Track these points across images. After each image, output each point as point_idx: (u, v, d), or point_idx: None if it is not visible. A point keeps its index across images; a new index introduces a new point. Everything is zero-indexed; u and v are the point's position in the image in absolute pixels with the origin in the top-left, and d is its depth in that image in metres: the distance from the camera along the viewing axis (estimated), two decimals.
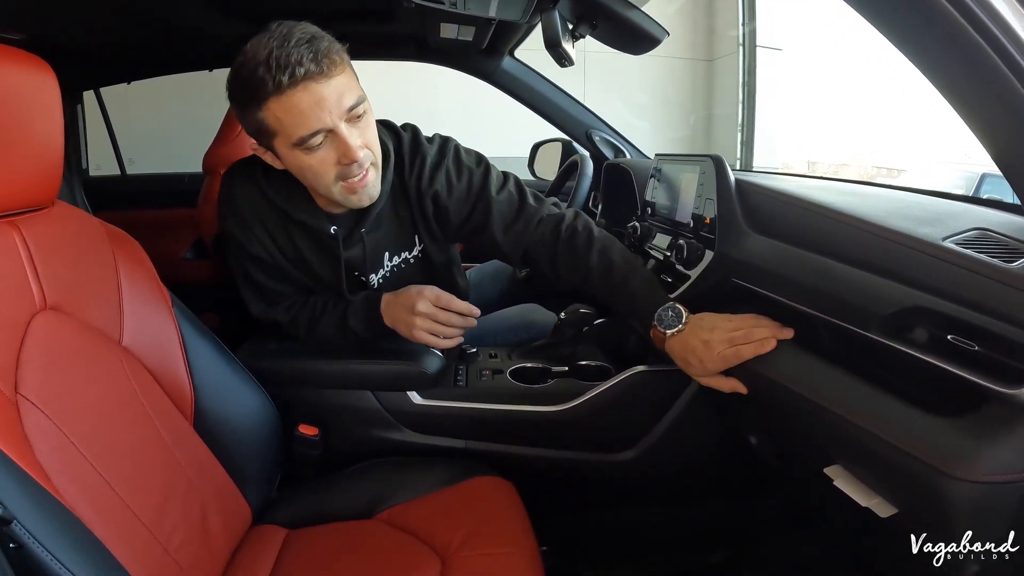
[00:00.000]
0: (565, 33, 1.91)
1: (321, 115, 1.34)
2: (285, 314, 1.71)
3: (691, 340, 1.35)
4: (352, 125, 1.40)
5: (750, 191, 1.41)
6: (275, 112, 1.35)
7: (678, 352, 1.38)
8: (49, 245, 1.18)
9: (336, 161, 1.42)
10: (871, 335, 1.01)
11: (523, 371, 1.79)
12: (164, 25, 2.38)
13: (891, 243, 1.01)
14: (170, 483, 1.23)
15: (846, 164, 10.45)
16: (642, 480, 1.77)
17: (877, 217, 1.08)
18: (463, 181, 1.68)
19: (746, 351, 1.26)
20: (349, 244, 1.65)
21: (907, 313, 0.96)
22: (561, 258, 1.64)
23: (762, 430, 1.50)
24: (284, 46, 1.29)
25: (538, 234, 1.67)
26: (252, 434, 1.51)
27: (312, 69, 1.30)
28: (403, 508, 1.46)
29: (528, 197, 1.71)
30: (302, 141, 1.38)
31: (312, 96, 1.32)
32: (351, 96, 1.37)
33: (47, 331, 1.11)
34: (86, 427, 1.08)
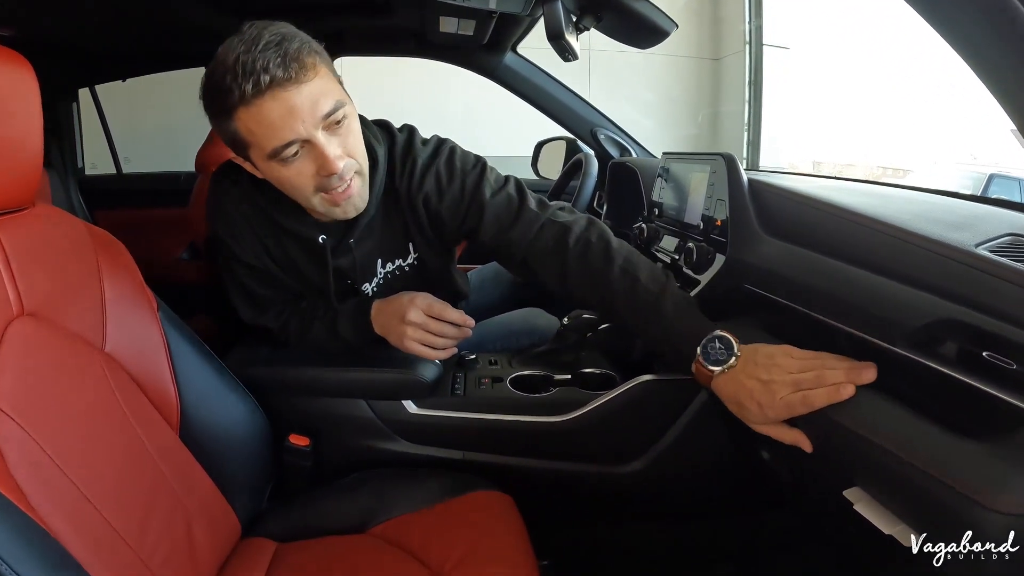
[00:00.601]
0: (569, 25, 1.84)
1: (293, 125, 1.25)
2: (275, 320, 1.67)
3: (746, 380, 1.12)
4: (331, 133, 1.31)
5: (764, 192, 1.35)
6: (245, 123, 1.26)
7: (729, 394, 1.16)
8: (27, 248, 1.14)
9: (315, 172, 1.33)
10: (897, 349, 0.94)
11: (524, 379, 1.74)
12: (159, 21, 2.37)
13: (920, 249, 0.95)
14: (154, 496, 1.19)
15: (851, 164, 10.44)
16: (647, 493, 1.71)
17: (903, 221, 1.02)
18: (455, 184, 1.57)
19: (817, 398, 1.02)
20: (339, 253, 1.58)
21: (937, 326, 0.90)
22: (573, 276, 1.48)
23: (775, 445, 1.44)
24: (251, 50, 1.19)
25: (540, 243, 1.52)
26: (241, 444, 1.46)
27: (279, 75, 1.20)
28: (397, 523, 1.41)
29: (529, 201, 1.57)
30: (275, 153, 1.29)
31: (282, 105, 1.23)
32: (327, 102, 1.27)
33: (24, 339, 1.07)
34: (64, 439, 1.04)
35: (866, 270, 1.03)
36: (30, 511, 0.90)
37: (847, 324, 1.05)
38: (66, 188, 3.15)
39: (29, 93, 1.14)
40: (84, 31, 2.45)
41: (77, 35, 2.50)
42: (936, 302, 0.90)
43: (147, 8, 2.19)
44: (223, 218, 1.57)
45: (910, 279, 0.95)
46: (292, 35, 1.24)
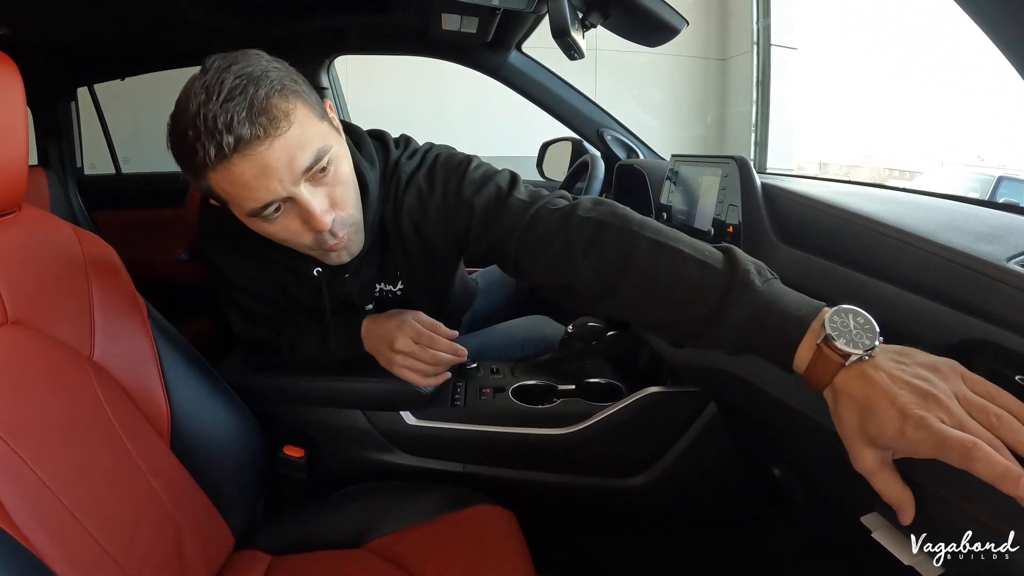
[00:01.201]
0: (575, 22, 1.79)
1: (269, 185, 1.10)
2: (269, 333, 1.63)
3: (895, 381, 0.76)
4: (316, 184, 1.16)
5: (778, 197, 1.31)
6: (217, 183, 1.12)
7: (861, 394, 0.79)
8: (12, 254, 1.12)
9: (301, 228, 1.20)
10: None
11: (527, 389, 1.71)
12: (158, 19, 2.36)
13: (948, 263, 0.89)
14: (142, 510, 1.16)
15: (858, 165, 10.45)
16: (652, 507, 1.68)
17: (929, 231, 0.96)
18: (436, 193, 1.40)
19: (981, 463, 0.69)
20: (335, 285, 1.49)
21: (967, 346, 0.84)
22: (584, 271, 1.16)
23: (788, 463, 1.41)
24: (214, 100, 1.04)
25: (532, 235, 1.24)
26: (234, 455, 1.42)
27: (246, 135, 1.04)
28: (394, 537, 1.38)
29: (518, 191, 1.32)
30: (255, 213, 1.15)
31: (255, 165, 1.08)
32: (307, 154, 1.11)
33: (8, 348, 1.04)
34: (49, 452, 1.01)
35: (890, 284, 0.98)
36: (12, 528, 0.87)
37: None
38: (65, 188, 3.16)
39: (12, 93, 1.11)
40: (81, 30, 2.45)
41: (74, 34, 2.50)
42: (966, 320, 0.84)
43: (146, 6, 2.17)
44: (214, 243, 1.50)
45: (938, 295, 0.90)
46: (260, 76, 1.08)
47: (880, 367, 0.79)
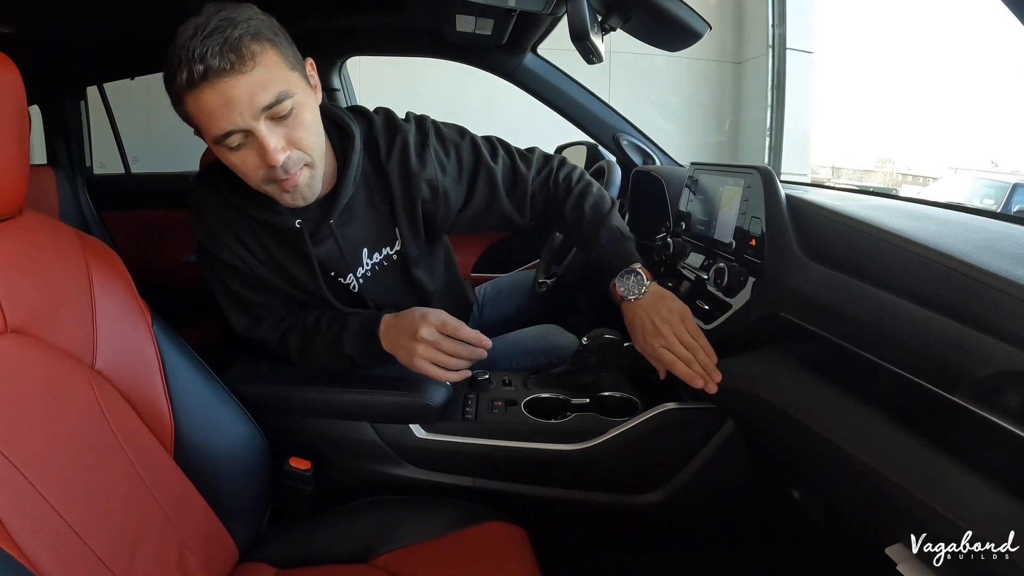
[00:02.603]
0: (594, 25, 1.77)
1: (230, 115, 1.22)
2: (272, 332, 1.62)
3: (643, 318, 1.47)
4: (275, 124, 1.28)
5: (804, 210, 1.28)
6: (189, 108, 1.25)
7: (628, 319, 1.51)
8: (12, 260, 1.10)
9: (258, 163, 1.30)
10: (955, 399, 0.85)
11: (540, 403, 1.68)
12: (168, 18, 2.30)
13: (988, 288, 0.86)
14: (144, 523, 1.14)
15: (871, 170, 10.46)
16: (666, 525, 1.66)
17: (965, 252, 0.93)
18: (452, 157, 1.64)
19: (679, 369, 1.40)
20: (319, 239, 1.55)
21: (1006, 378, 0.80)
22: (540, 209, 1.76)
23: (809, 486, 1.39)
24: (197, 35, 1.17)
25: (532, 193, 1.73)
26: (238, 466, 1.40)
27: (215, 65, 1.17)
28: (402, 554, 1.35)
29: (517, 158, 1.74)
30: (218, 140, 1.27)
31: (220, 95, 1.20)
32: (267, 94, 1.23)
33: (7, 357, 1.02)
34: (49, 465, 1.00)
35: (923, 307, 0.95)
36: (9, 544, 0.86)
37: (898, 366, 0.96)
38: (74, 187, 3.16)
39: (12, 95, 1.10)
40: (88, 29, 2.44)
41: (81, 33, 2.49)
42: (1006, 350, 0.81)
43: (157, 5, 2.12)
44: (202, 224, 1.54)
45: (975, 321, 0.86)
46: (240, 21, 1.20)
47: (640, 307, 1.49)
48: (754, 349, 1.36)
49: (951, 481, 0.86)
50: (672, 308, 1.45)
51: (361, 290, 1.64)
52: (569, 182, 1.72)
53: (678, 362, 1.40)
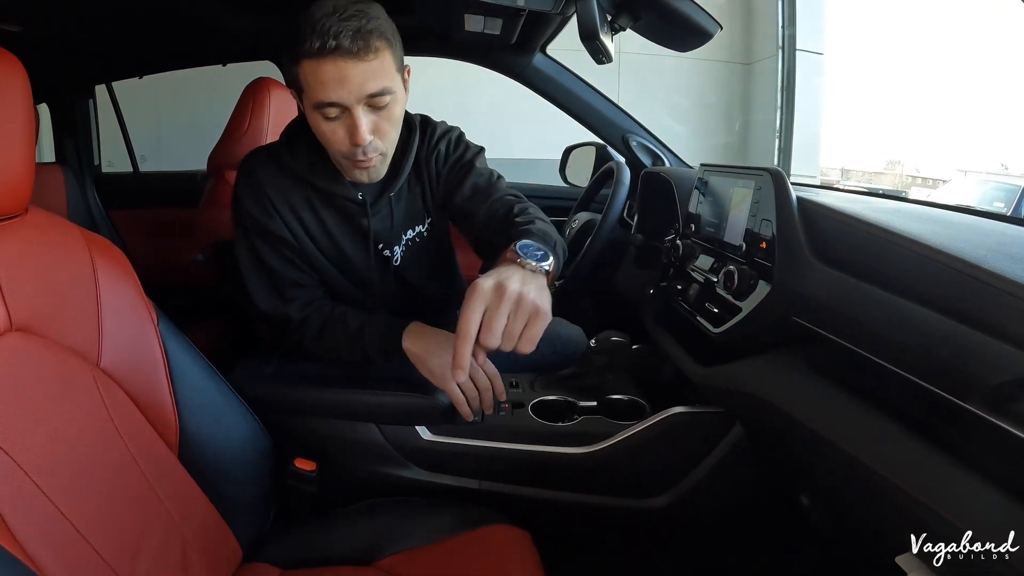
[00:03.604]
0: (603, 25, 1.77)
1: (339, 91, 1.38)
2: (299, 311, 1.64)
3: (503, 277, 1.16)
4: (370, 111, 1.44)
5: (815, 213, 1.27)
6: (305, 71, 1.39)
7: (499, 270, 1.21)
8: (18, 258, 1.10)
9: (344, 138, 1.46)
10: (968, 406, 0.84)
11: (546, 405, 1.69)
12: (175, 18, 2.37)
13: (1004, 294, 0.84)
14: (147, 522, 1.15)
15: (880, 172, 10.45)
16: (672, 530, 1.66)
17: (980, 257, 0.91)
18: (458, 151, 1.78)
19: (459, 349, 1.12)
20: (376, 210, 1.68)
21: (1020, 385, 0.80)
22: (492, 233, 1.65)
23: (817, 493, 1.39)
24: (334, 15, 1.33)
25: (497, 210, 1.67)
26: (243, 465, 1.41)
27: (345, 46, 1.33)
28: (406, 556, 1.35)
29: (502, 184, 1.77)
30: (319, 106, 1.42)
31: (338, 71, 1.36)
32: (376, 83, 1.39)
33: (12, 356, 1.02)
34: (52, 464, 1.00)
35: (935, 311, 0.94)
36: (12, 545, 0.86)
37: (910, 371, 0.95)
38: (82, 185, 3.18)
39: (18, 92, 1.10)
40: (96, 28, 2.46)
41: (89, 32, 2.50)
42: (1020, 356, 0.80)
43: (165, 6, 2.19)
44: (255, 193, 1.63)
45: (991, 328, 0.85)
46: (373, 15, 1.37)
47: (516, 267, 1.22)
48: (763, 353, 1.36)
49: (965, 491, 0.85)
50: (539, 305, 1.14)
51: (401, 263, 1.76)
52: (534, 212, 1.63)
53: (467, 340, 1.12)
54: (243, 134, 2.48)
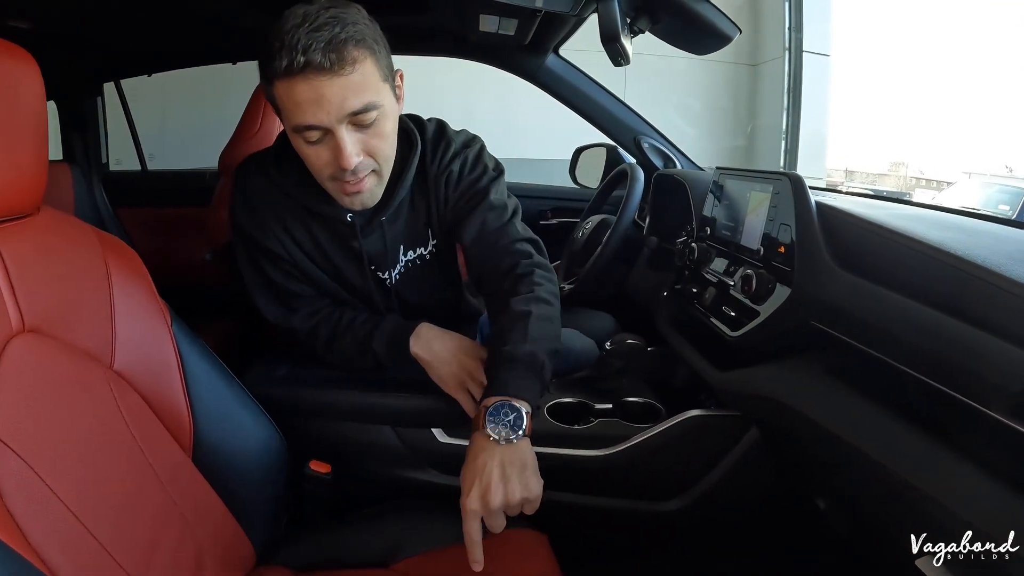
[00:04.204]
0: (624, 27, 1.77)
1: (317, 112, 1.26)
2: (305, 322, 1.61)
3: (492, 464, 1.24)
4: (355, 129, 1.32)
5: (834, 218, 1.28)
6: (279, 92, 1.28)
7: (473, 453, 1.28)
8: (30, 258, 1.08)
9: (330, 161, 1.34)
10: (991, 412, 0.86)
11: (563, 408, 1.68)
12: (185, 16, 2.36)
13: (1020, 300, 0.86)
14: (161, 526, 1.14)
15: (884, 174, 10.48)
16: (688, 532, 1.66)
17: (999, 264, 0.93)
18: (473, 174, 1.62)
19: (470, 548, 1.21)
20: (367, 233, 1.57)
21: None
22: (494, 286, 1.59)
23: (834, 496, 1.39)
24: (305, 26, 1.20)
25: (501, 262, 1.59)
26: (257, 468, 1.40)
27: (316, 61, 1.20)
28: (423, 559, 1.35)
29: (516, 222, 1.65)
30: (298, 129, 1.31)
31: (313, 91, 1.24)
32: (358, 100, 1.27)
33: (24, 357, 1.01)
34: (65, 468, 0.99)
35: (956, 318, 0.94)
36: (26, 549, 0.84)
37: (932, 378, 0.97)
38: (89, 184, 3.15)
39: (31, 91, 1.09)
40: (107, 25, 2.46)
41: (100, 29, 2.51)
42: None
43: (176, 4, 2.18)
44: (247, 208, 1.56)
45: (1007, 334, 0.86)
46: (349, 21, 1.24)
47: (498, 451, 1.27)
48: (780, 357, 1.37)
49: (985, 495, 0.86)
50: (530, 487, 1.26)
51: (396, 285, 1.67)
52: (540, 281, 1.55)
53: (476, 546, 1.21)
54: (254, 134, 2.47)
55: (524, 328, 1.41)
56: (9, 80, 1.04)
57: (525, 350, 1.37)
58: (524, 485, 1.23)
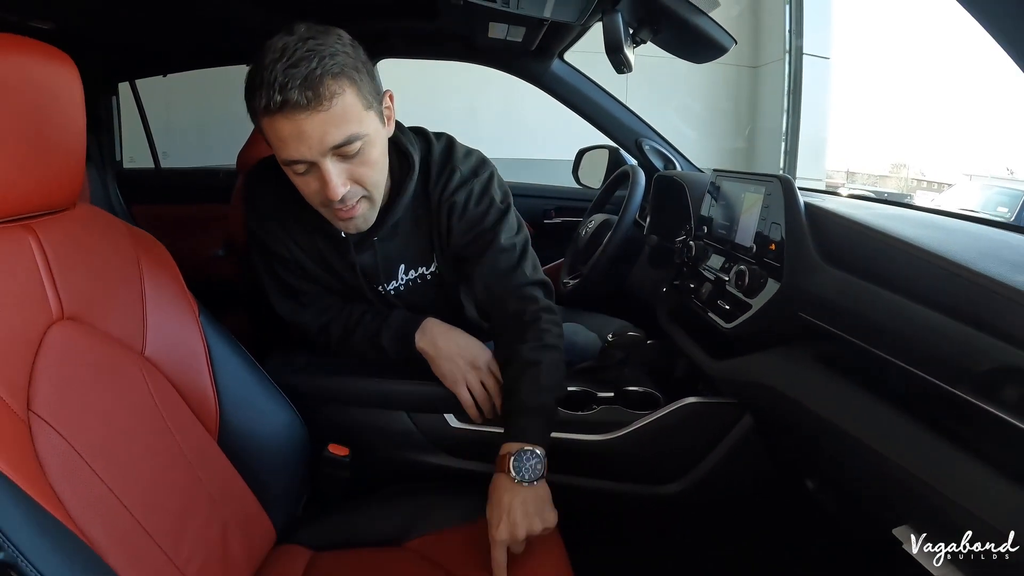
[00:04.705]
0: (627, 37, 1.83)
1: (299, 147, 1.28)
2: (316, 319, 1.68)
3: (516, 505, 1.32)
4: (340, 160, 1.33)
5: (821, 218, 1.33)
6: (264, 127, 1.30)
7: (497, 496, 1.34)
8: (68, 250, 1.13)
9: (319, 190, 1.36)
10: (958, 392, 0.92)
11: (567, 395, 1.72)
12: (206, 19, 2.40)
13: (988, 291, 0.92)
14: (190, 503, 1.19)
15: (885, 175, 10.44)
16: (686, 515, 1.72)
17: (969, 259, 0.99)
18: (479, 208, 1.63)
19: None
20: (361, 249, 1.61)
21: (1005, 373, 0.87)
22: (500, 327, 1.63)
23: (822, 476, 1.45)
24: (281, 61, 1.21)
25: (508, 306, 1.63)
26: (279, 451, 1.45)
27: (293, 99, 1.21)
28: (435, 538, 1.41)
29: (526, 264, 1.66)
30: (286, 164, 1.34)
31: (294, 127, 1.25)
32: (339, 133, 1.28)
33: (63, 343, 1.06)
34: (102, 446, 1.04)
35: (930, 308, 1.01)
36: (68, 521, 0.89)
37: (908, 362, 1.02)
38: (104, 181, 3.17)
39: (72, 91, 1.13)
40: (125, 26, 2.48)
41: (118, 30, 2.52)
42: (1003, 347, 0.87)
43: (195, 6, 2.22)
44: (256, 213, 1.62)
45: (977, 321, 0.92)
46: (327, 53, 1.24)
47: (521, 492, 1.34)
48: (771, 347, 1.41)
49: (957, 468, 0.91)
50: (548, 521, 1.34)
51: (396, 298, 1.71)
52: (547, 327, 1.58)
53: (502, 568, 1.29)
54: None
55: (536, 377, 1.48)
56: (51, 82, 1.09)
57: (539, 401, 1.45)
58: (543, 518, 1.32)
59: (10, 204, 1.04)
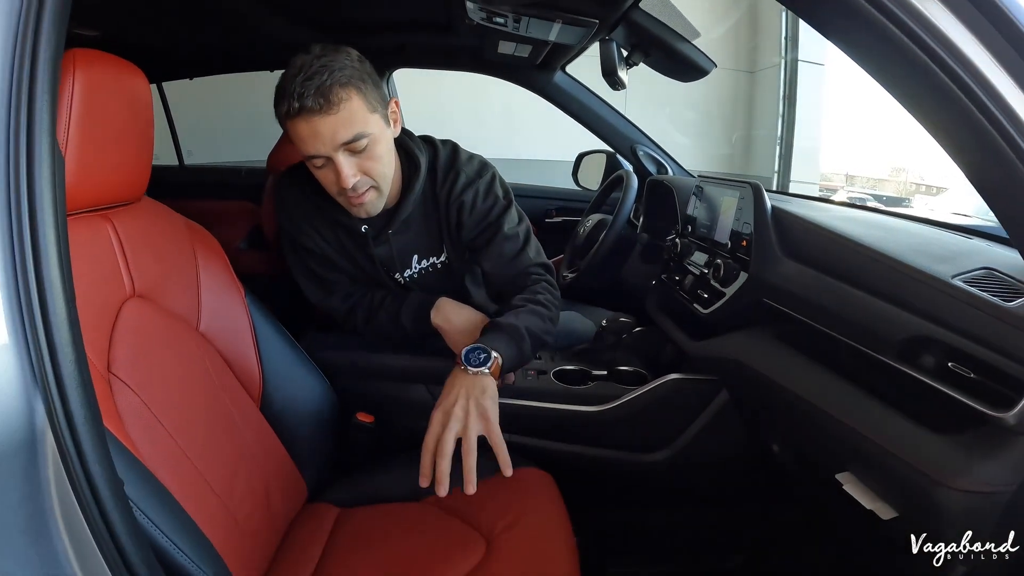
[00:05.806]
0: (620, 61, 2.01)
1: (316, 144, 1.48)
2: (342, 303, 1.85)
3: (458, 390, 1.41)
4: (350, 155, 1.52)
5: (785, 218, 1.49)
6: (289, 130, 1.50)
7: (448, 381, 1.46)
8: (137, 237, 1.26)
9: (335, 181, 1.55)
10: (884, 358, 1.11)
11: (566, 373, 1.87)
12: (237, 30, 2.50)
13: (907, 277, 1.10)
14: (239, 458, 1.33)
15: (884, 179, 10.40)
16: (671, 480, 1.85)
17: (898, 252, 1.16)
18: (485, 205, 1.82)
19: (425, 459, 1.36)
20: (379, 242, 1.79)
21: (916, 341, 1.06)
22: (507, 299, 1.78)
23: (783, 439, 1.59)
24: (299, 76, 1.42)
25: (515, 283, 1.82)
26: (313, 418, 1.61)
27: (308, 105, 1.42)
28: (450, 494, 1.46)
29: (530, 249, 1.85)
30: (307, 159, 1.54)
31: (310, 128, 1.45)
32: (347, 132, 1.47)
33: (135, 316, 1.19)
34: (167, 404, 1.17)
35: (865, 292, 1.18)
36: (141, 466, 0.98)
37: (847, 337, 1.21)
38: None
39: (144, 102, 1.27)
40: (163, 33, 2.56)
41: (156, 37, 2.60)
42: (917, 321, 1.06)
43: (228, 18, 2.32)
44: (285, 212, 1.80)
45: (899, 302, 1.10)
46: (337, 68, 1.45)
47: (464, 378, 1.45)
48: (741, 329, 1.58)
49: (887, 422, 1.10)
50: (485, 407, 1.38)
51: (411, 284, 1.89)
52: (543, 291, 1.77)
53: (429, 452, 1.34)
54: None
55: (515, 313, 1.65)
56: (128, 94, 1.21)
57: (509, 322, 1.60)
58: (478, 403, 1.38)
59: (95, 196, 1.17)
